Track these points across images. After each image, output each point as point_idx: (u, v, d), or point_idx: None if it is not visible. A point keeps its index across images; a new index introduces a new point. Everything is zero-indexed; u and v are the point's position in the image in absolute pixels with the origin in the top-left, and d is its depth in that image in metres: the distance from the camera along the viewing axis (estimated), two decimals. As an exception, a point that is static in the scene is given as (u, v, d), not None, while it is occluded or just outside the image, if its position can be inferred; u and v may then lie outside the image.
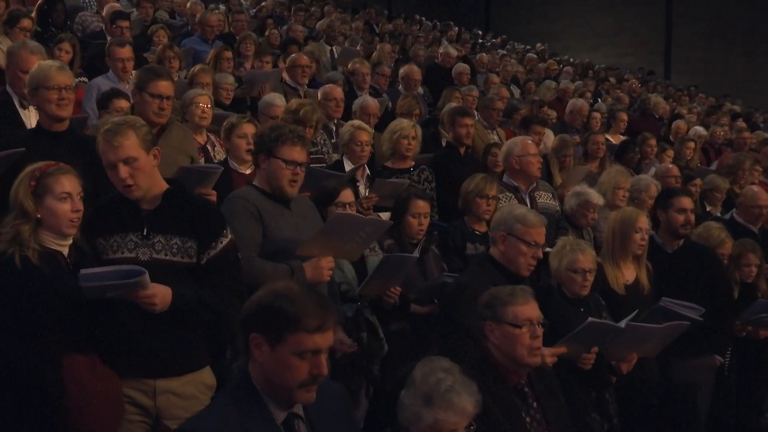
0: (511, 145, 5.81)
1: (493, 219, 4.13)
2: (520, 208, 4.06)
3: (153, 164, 3.34)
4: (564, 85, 12.58)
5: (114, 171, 3.27)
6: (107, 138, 3.26)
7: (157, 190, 3.36)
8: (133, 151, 3.25)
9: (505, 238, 3.98)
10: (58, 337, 3.16)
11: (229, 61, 7.93)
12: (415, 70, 9.18)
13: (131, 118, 3.36)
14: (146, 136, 3.31)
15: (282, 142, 3.84)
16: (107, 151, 3.27)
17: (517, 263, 3.96)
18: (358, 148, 5.73)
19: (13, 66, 4.67)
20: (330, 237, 3.81)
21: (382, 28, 17.21)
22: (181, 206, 3.35)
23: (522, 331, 3.33)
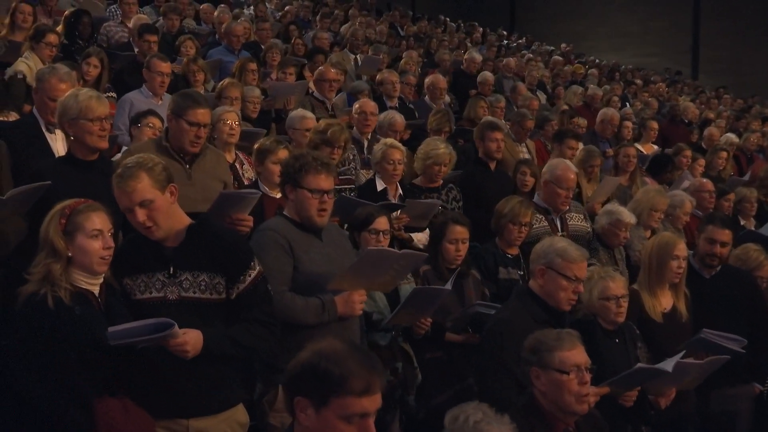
0: (552, 168, 5.68)
1: (534, 251, 4.02)
2: (560, 242, 3.96)
3: (171, 202, 3.28)
4: (592, 90, 12.41)
5: (131, 215, 3.22)
6: (119, 184, 3.20)
7: (180, 227, 3.30)
8: (148, 194, 3.19)
9: (544, 272, 3.87)
10: (90, 379, 3.10)
11: (254, 72, 7.87)
12: (440, 80, 9.08)
13: (143, 159, 3.27)
14: (159, 176, 3.24)
15: (306, 171, 3.77)
16: (121, 196, 3.22)
17: (557, 298, 3.85)
18: (391, 167, 5.64)
19: (42, 92, 4.61)
20: (363, 271, 3.73)
21: (407, 30, 17.09)
22: (206, 241, 3.28)
23: (569, 378, 3.23)
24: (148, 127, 5.43)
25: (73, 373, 3.07)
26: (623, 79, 19.64)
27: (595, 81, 16.76)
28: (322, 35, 10.93)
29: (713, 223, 5.26)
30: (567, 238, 4.05)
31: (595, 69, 19.00)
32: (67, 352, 3.06)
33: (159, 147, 4.40)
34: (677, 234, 6.67)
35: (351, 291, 3.74)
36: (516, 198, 5.40)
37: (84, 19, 7.85)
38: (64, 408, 3.02)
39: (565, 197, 5.58)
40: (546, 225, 5.61)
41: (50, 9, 8.64)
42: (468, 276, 4.91)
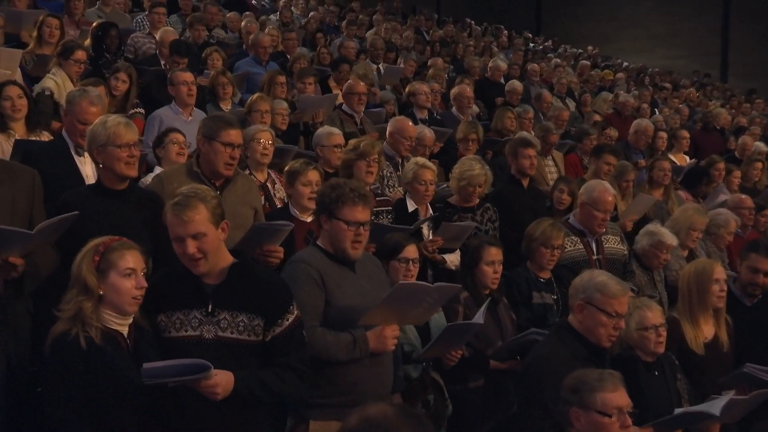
0: (589, 190, 5.54)
1: (572, 285, 3.89)
2: (600, 275, 3.82)
3: (221, 238, 3.20)
4: (623, 98, 12.22)
5: (181, 245, 3.13)
6: (176, 211, 3.12)
7: (223, 264, 3.22)
8: (203, 227, 3.11)
9: (584, 308, 3.75)
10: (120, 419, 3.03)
11: (282, 85, 7.80)
12: (467, 90, 8.95)
13: (201, 190, 3.20)
14: (216, 210, 3.17)
15: (342, 202, 3.67)
16: (176, 225, 3.13)
17: (597, 334, 3.72)
18: (422, 187, 5.53)
19: (72, 114, 4.55)
20: (395, 305, 3.63)
21: (432, 35, 16.96)
22: (248, 281, 3.20)
23: (611, 420, 3.12)
24: (173, 144, 5.35)
25: (103, 413, 3.00)
26: (652, 83, 19.41)
27: (624, 86, 16.58)
28: (348, 44, 10.86)
29: (757, 252, 5.11)
30: (607, 272, 3.91)
31: (623, 73, 18.79)
32: (99, 394, 2.99)
33: (190, 172, 4.33)
34: (719, 254, 6.54)
35: (383, 326, 3.63)
36: (547, 220, 5.27)
37: (111, 32, 7.78)
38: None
39: (602, 220, 5.44)
40: (581, 248, 5.48)
41: (77, 20, 8.59)
42: (500, 302, 4.80)
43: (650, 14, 26.83)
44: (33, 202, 3.70)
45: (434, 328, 4.37)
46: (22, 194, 3.67)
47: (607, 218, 5.50)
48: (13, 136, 5.34)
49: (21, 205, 3.64)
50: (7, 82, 5.54)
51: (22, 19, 8.02)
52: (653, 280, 5.73)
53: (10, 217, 3.57)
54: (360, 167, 5.31)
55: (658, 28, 26.51)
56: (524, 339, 4.48)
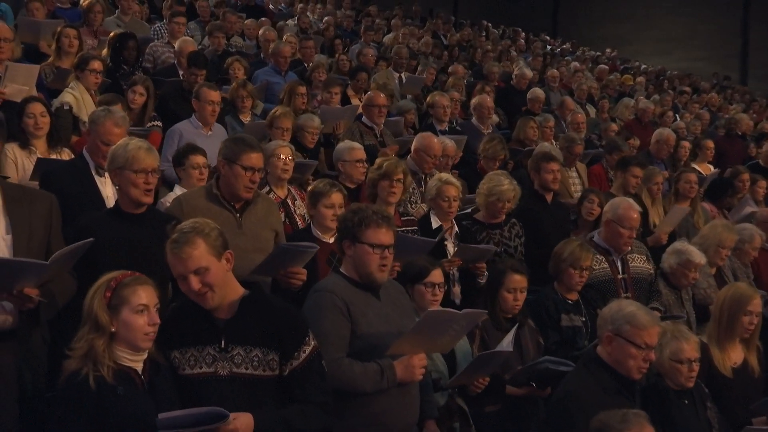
0: (614, 207, 5.42)
1: (601, 316, 3.79)
2: (629, 306, 3.71)
3: (226, 270, 3.12)
4: (643, 104, 12.08)
5: (185, 282, 3.06)
6: (174, 249, 3.05)
7: (233, 296, 3.14)
8: (204, 261, 3.04)
9: (612, 339, 3.64)
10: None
11: (303, 96, 7.72)
12: (487, 100, 8.81)
13: (199, 224, 3.12)
14: (216, 242, 3.09)
15: (366, 225, 3.59)
16: (175, 263, 3.06)
17: (626, 366, 3.62)
18: (446, 203, 5.44)
19: (95, 134, 4.49)
20: (422, 334, 3.55)
21: (450, 39, 16.86)
22: (260, 314, 3.12)
23: (638, 460, 3.02)
24: (193, 169, 5.28)
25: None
26: (671, 86, 19.23)
27: (644, 91, 16.43)
28: (367, 51, 10.78)
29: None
30: (636, 302, 3.80)
31: (643, 77, 18.61)
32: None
33: (209, 195, 4.26)
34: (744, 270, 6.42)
35: (411, 355, 3.55)
36: (575, 241, 5.17)
37: (129, 43, 7.72)
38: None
39: (628, 237, 5.33)
40: (606, 267, 5.37)
41: (95, 30, 8.53)
42: (524, 326, 4.70)
43: (668, 16, 26.60)
44: (51, 227, 3.63)
45: (460, 353, 4.29)
46: (40, 220, 3.60)
47: (633, 236, 5.39)
48: (34, 153, 5.31)
49: (38, 230, 3.58)
50: (31, 98, 5.50)
51: (40, 29, 7.99)
52: (681, 299, 5.62)
53: (26, 243, 3.51)
54: (383, 187, 5.23)
55: (676, 29, 26.28)
56: (537, 367, 4.38)
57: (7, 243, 3.47)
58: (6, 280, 3.27)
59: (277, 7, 15.46)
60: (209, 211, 4.18)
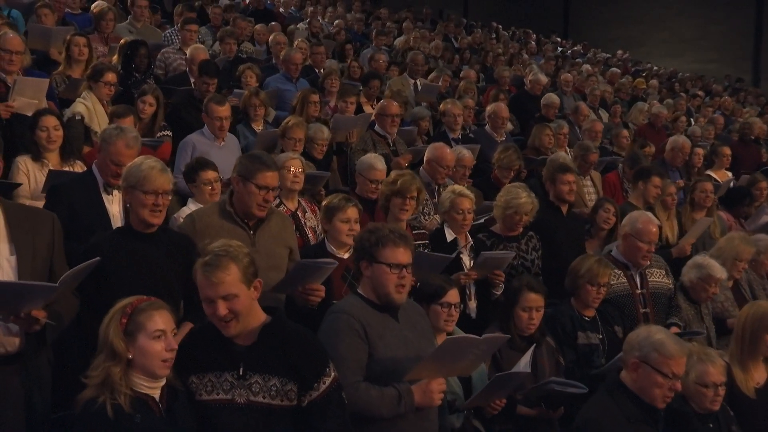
0: (633, 220, 5.33)
1: (627, 341, 3.70)
2: (658, 333, 3.62)
3: (253, 297, 3.07)
4: (657, 109, 11.97)
5: (211, 306, 3.00)
6: (206, 272, 2.99)
7: (255, 323, 3.09)
8: (234, 288, 2.98)
9: (638, 366, 3.56)
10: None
11: (315, 104, 7.66)
12: (503, 108, 8.69)
13: (233, 249, 3.06)
14: (248, 269, 3.04)
15: (383, 244, 3.51)
16: (206, 286, 3.00)
17: (651, 395, 3.54)
18: (460, 216, 5.36)
19: (105, 153, 4.42)
20: (442, 359, 3.48)
21: (461, 42, 16.78)
22: (280, 343, 3.06)
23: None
24: (204, 184, 5.23)
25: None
26: (683, 89, 19.09)
27: (656, 94, 16.31)
28: (379, 57, 10.69)
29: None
30: (665, 329, 3.71)
31: (655, 80, 18.48)
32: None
33: (222, 212, 4.20)
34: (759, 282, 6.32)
35: (429, 379, 3.47)
36: (593, 257, 5.08)
37: (141, 50, 7.67)
38: None
39: (647, 251, 5.24)
40: (624, 281, 5.28)
41: (106, 36, 8.50)
42: (542, 345, 4.61)
43: (680, 17, 26.44)
44: (53, 246, 3.58)
45: (475, 374, 4.21)
46: (42, 240, 3.55)
47: (652, 250, 5.30)
48: (47, 165, 5.27)
49: (42, 251, 3.53)
50: (44, 111, 5.46)
51: (51, 37, 7.95)
52: (700, 314, 5.53)
53: (30, 264, 3.47)
54: (396, 203, 5.15)
55: (688, 31, 26.12)
56: (544, 388, 4.29)
57: (11, 264, 3.43)
58: (13, 303, 3.23)
59: (287, 10, 15.41)
60: (222, 228, 4.14)
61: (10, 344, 3.40)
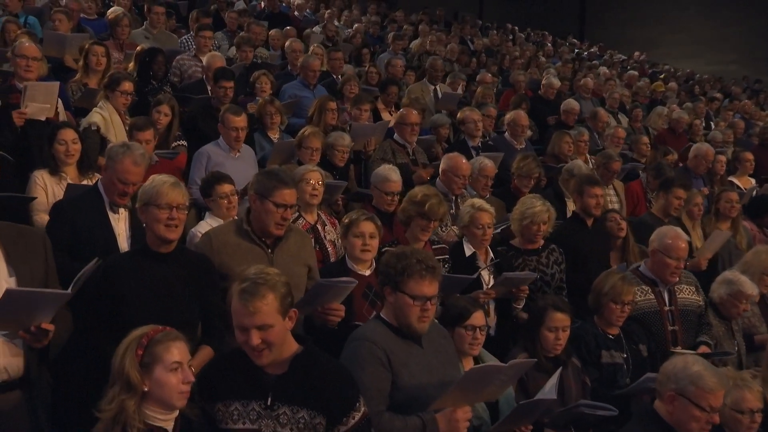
0: (661, 236, 5.19)
1: (663, 370, 3.56)
2: (695, 365, 3.48)
3: (288, 328, 2.96)
4: (677, 114, 11.80)
5: (245, 334, 2.89)
6: (244, 300, 2.87)
7: (287, 353, 2.98)
8: (270, 318, 2.87)
9: (675, 399, 3.43)
10: None
11: (333, 112, 7.55)
12: (522, 116, 8.55)
13: (272, 276, 2.93)
14: (286, 299, 2.92)
15: (408, 275, 3.40)
16: (242, 314, 2.88)
17: (687, 428, 3.41)
18: (480, 231, 5.25)
19: (113, 171, 4.31)
20: (467, 388, 3.37)
21: (476, 45, 16.63)
22: (311, 375, 2.95)
23: None
24: (221, 198, 5.14)
25: None
26: (702, 92, 18.88)
27: (675, 98, 16.12)
28: (396, 62, 10.56)
29: None
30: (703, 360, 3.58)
31: (674, 81, 18.28)
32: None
33: (239, 230, 4.11)
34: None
35: (454, 408, 3.36)
36: (617, 274, 4.94)
37: (158, 57, 7.58)
38: None
39: (675, 268, 5.10)
40: (652, 298, 5.15)
41: (122, 43, 8.44)
42: (568, 365, 4.48)
43: (697, 18, 26.16)
44: (47, 264, 3.46)
45: (502, 398, 4.08)
46: (36, 259, 3.42)
47: (680, 266, 5.16)
48: (65, 179, 5.19)
49: (38, 271, 3.41)
50: (62, 124, 5.39)
51: (66, 43, 7.90)
52: (731, 330, 5.39)
53: (30, 284, 3.32)
54: (418, 223, 5.03)
55: (705, 32, 25.84)
56: (573, 411, 4.16)
57: (10, 286, 3.27)
58: (25, 314, 3.13)
59: (302, 13, 15.31)
60: (239, 247, 4.05)
61: (13, 368, 3.28)
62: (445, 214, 5.15)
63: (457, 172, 6.17)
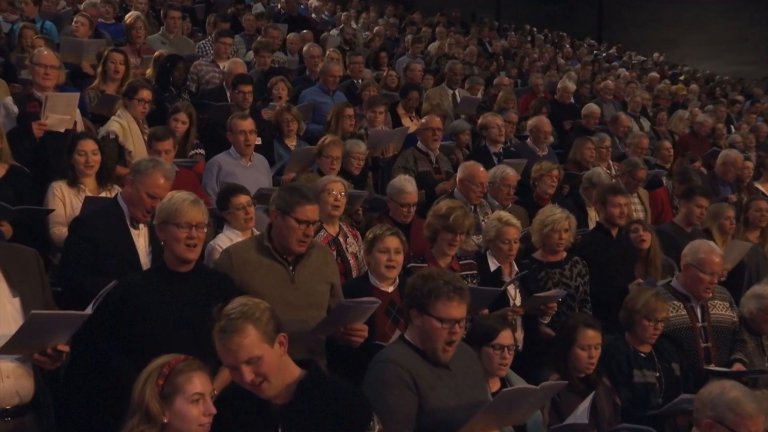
0: (694, 250, 5.02)
1: (699, 397, 3.43)
2: (732, 391, 3.34)
3: (281, 354, 2.85)
4: (701, 118, 11.60)
5: (236, 373, 2.79)
6: (222, 340, 2.77)
7: (290, 379, 2.87)
8: (256, 350, 2.76)
9: (712, 426, 3.29)
10: None
11: (351, 118, 7.43)
12: (545, 122, 8.37)
13: (249, 307, 2.81)
14: (268, 326, 2.80)
15: (436, 297, 3.27)
16: (225, 354, 2.78)
17: (726, 455, 3.27)
18: (506, 246, 5.12)
19: (142, 185, 4.22)
20: (496, 412, 3.25)
21: (494, 47, 16.48)
22: (319, 398, 2.85)
23: None
24: (237, 210, 5.01)
25: None
26: (723, 94, 18.65)
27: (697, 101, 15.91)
28: (415, 66, 10.40)
29: None
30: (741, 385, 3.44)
31: (695, 84, 18.06)
32: None
33: (260, 247, 3.98)
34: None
35: (482, 431, 3.24)
36: (649, 290, 4.79)
37: (179, 64, 7.49)
38: None
39: (709, 283, 4.93)
40: (684, 314, 4.97)
41: (138, 48, 8.37)
42: (599, 385, 4.34)
43: (717, 19, 25.95)
44: (42, 282, 3.35)
45: (530, 421, 3.94)
46: (33, 277, 3.32)
47: (714, 281, 4.98)
48: (83, 191, 5.09)
49: (37, 290, 3.30)
50: (83, 134, 5.30)
51: (83, 50, 7.83)
52: (762, 346, 5.20)
53: (32, 304, 3.20)
54: (445, 238, 4.90)
55: (725, 33, 25.61)
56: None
57: (15, 307, 3.20)
58: (44, 337, 3.05)
59: (320, 15, 15.22)
60: (260, 264, 3.94)
61: (24, 391, 3.18)
62: (471, 227, 5.01)
63: (475, 180, 6.04)
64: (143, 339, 3.48)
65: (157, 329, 3.50)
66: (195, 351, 3.44)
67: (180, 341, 3.46)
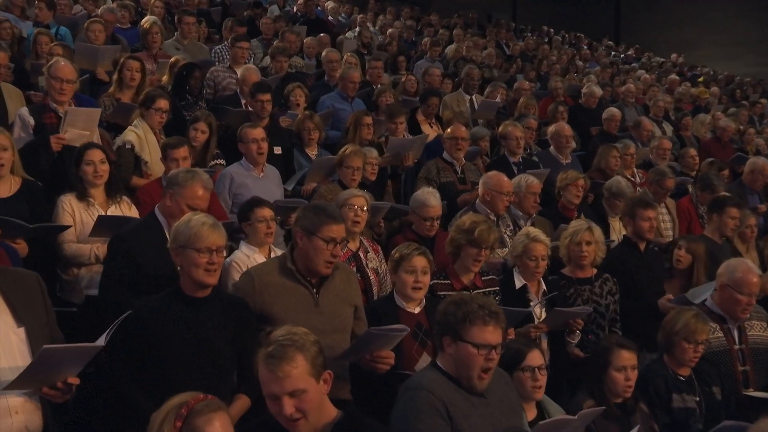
0: (730, 270, 4.80)
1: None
2: (766, 425, 3.17)
3: (323, 392, 2.70)
4: (723, 123, 11.33)
5: (276, 403, 2.63)
6: (270, 366, 2.61)
7: (326, 420, 2.72)
8: (302, 383, 2.61)
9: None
10: None
11: (369, 126, 7.28)
12: (565, 128, 8.18)
13: (299, 336, 2.67)
14: (316, 359, 2.66)
15: (471, 322, 3.14)
16: (270, 381, 2.62)
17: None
18: (533, 263, 4.95)
19: (181, 197, 4.15)
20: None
21: (512, 49, 16.27)
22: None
23: None
24: (259, 222, 4.84)
25: None
26: (743, 96, 18.37)
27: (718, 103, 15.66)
28: (434, 71, 10.22)
29: None
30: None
31: (716, 87, 17.79)
32: None
33: (283, 270, 3.82)
34: None
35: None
36: (689, 311, 4.59)
37: (195, 73, 7.36)
38: None
39: (747, 304, 4.72)
40: (721, 336, 4.75)
41: (154, 54, 8.23)
42: (636, 411, 4.15)
43: (736, 19, 25.63)
44: (45, 307, 3.23)
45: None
46: (37, 303, 3.20)
47: (752, 302, 4.77)
48: (92, 205, 4.95)
49: (41, 316, 3.18)
50: (90, 144, 5.12)
51: (98, 56, 7.70)
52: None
53: (39, 333, 3.12)
54: (469, 253, 4.73)
55: (744, 33, 25.31)
56: None
57: (20, 338, 3.08)
58: (55, 371, 2.93)
59: (337, 18, 15.07)
60: (283, 287, 3.78)
61: (33, 425, 3.05)
62: (495, 241, 4.85)
63: (502, 189, 5.89)
64: (159, 366, 3.35)
65: (174, 357, 3.37)
66: (212, 379, 3.36)
67: (197, 369, 3.37)
